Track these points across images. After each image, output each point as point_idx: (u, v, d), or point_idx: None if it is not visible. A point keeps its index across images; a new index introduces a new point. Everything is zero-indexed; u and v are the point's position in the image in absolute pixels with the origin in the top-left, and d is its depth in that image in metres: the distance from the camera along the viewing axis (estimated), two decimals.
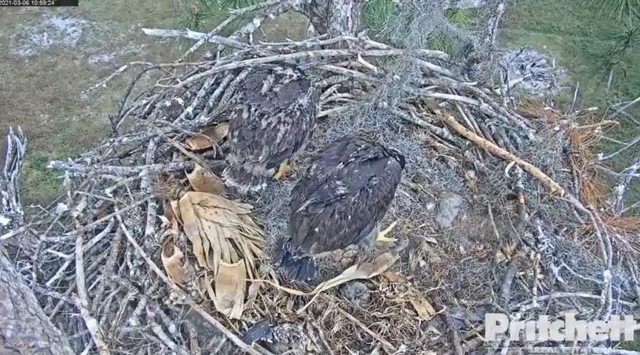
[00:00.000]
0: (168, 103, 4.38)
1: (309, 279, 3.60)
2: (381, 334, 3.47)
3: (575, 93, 5.57)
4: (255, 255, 3.71)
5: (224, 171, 3.76)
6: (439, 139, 4.50)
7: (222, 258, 3.62)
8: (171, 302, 3.48)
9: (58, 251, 3.92)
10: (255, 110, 3.65)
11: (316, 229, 3.33)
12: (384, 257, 3.79)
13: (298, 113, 3.69)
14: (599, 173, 4.50)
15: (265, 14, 4.62)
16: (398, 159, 3.60)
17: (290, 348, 3.39)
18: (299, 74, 3.91)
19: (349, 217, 3.33)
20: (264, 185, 3.79)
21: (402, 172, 3.69)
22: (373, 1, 5.90)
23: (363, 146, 3.48)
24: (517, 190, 4.12)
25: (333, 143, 3.68)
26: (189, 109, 4.36)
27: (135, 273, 3.58)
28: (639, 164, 4.52)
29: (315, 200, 3.32)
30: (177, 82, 4.38)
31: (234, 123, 3.71)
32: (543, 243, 3.88)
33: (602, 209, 4.24)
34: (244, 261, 3.63)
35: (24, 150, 4.40)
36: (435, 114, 4.60)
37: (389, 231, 3.94)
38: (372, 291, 3.67)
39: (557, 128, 4.25)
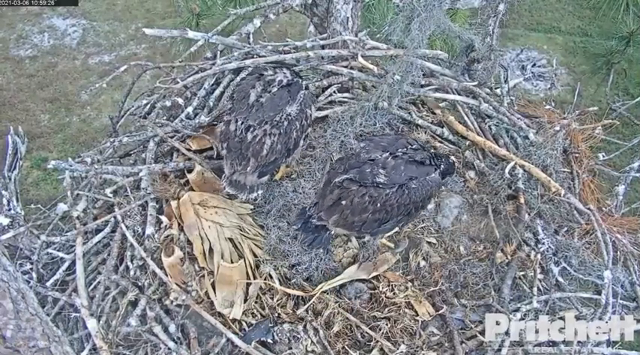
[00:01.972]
0: (168, 103, 4.39)
1: (321, 250, 3.68)
2: (381, 334, 3.48)
3: (576, 93, 5.59)
4: (255, 255, 3.71)
5: (222, 179, 3.77)
6: (439, 139, 4.49)
7: (222, 258, 3.62)
8: (172, 302, 3.49)
9: (58, 251, 3.92)
10: (242, 123, 3.65)
11: (343, 202, 3.42)
12: (384, 257, 3.79)
13: (286, 123, 3.68)
14: (600, 173, 4.50)
15: (265, 14, 4.61)
16: (444, 167, 3.69)
17: (290, 348, 3.39)
18: (289, 78, 3.84)
19: (377, 205, 3.42)
20: (260, 192, 3.82)
21: (439, 188, 3.79)
22: (374, 1, 5.89)
23: (414, 146, 3.60)
24: (517, 190, 4.11)
25: (387, 133, 3.81)
26: (190, 109, 4.36)
27: (135, 273, 3.59)
28: None
29: (354, 177, 3.42)
30: (178, 82, 4.37)
31: (222, 135, 3.73)
32: (543, 243, 3.88)
33: (602, 209, 4.24)
34: (244, 261, 3.63)
35: (24, 150, 4.41)
36: (435, 114, 4.60)
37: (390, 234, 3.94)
38: (372, 291, 3.68)
39: (557, 128, 4.25)
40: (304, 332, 3.44)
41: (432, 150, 3.76)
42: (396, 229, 3.92)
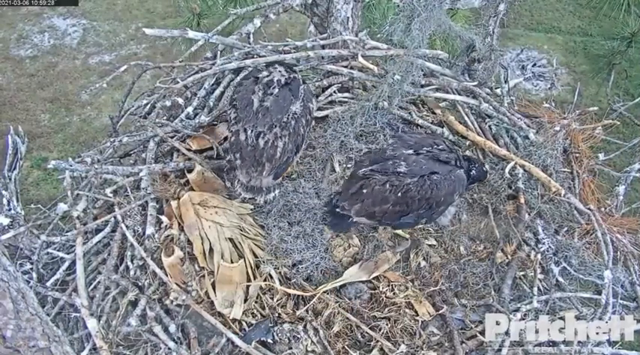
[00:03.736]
0: (168, 103, 4.38)
1: (342, 234, 3.84)
2: (381, 334, 3.47)
3: (576, 93, 5.56)
4: (255, 255, 3.71)
5: (235, 184, 3.76)
6: None
7: (222, 257, 3.62)
8: (172, 302, 3.49)
9: (58, 251, 3.92)
10: (252, 131, 3.63)
11: (364, 190, 3.49)
12: (384, 256, 3.79)
13: (293, 122, 3.68)
14: (600, 173, 4.49)
15: (266, 14, 4.61)
16: (475, 173, 3.75)
17: (290, 348, 3.39)
18: (286, 76, 3.82)
19: (398, 195, 3.46)
20: (277, 192, 3.87)
21: (464, 188, 3.77)
22: (374, 0, 5.90)
23: (440, 146, 3.64)
24: (517, 190, 4.11)
25: (419, 132, 3.99)
26: (190, 109, 4.36)
27: (135, 273, 3.58)
28: None
29: (376, 169, 3.50)
30: (178, 82, 4.37)
31: (234, 146, 3.70)
32: (544, 243, 3.88)
33: (602, 209, 4.23)
34: (244, 260, 3.63)
35: (25, 150, 4.40)
36: (435, 114, 4.60)
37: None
38: (373, 291, 3.68)
39: (557, 128, 4.25)
40: (304, 332, 3.44)
41: (465, 154, 3.75)
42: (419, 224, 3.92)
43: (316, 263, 3.69)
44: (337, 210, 3.63)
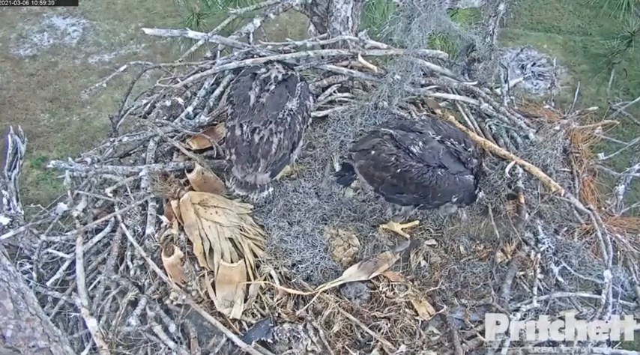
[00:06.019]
0: (168, 103, 4.38)
1: (342, 187, 4.02)
2: (381, 334, 3.48)
3: (576, 92, 5.56)
4: (255, 255, 3.71)
5: (230, 181, 3.77)
6: None
7: (222, 257, 3.62)
8: (172, 301, 3.49)
9: (58, 250, 3.91)
10: (247, 127, 3.65)
11: (373, 152, 3.58)
12: (384, 256, 3.79)
13: (289, 119, 3.70)
14: (600, 173, 4.49)
15: (265, 14, 4.62)
16: (475, 188, 3.73)
17: (290, 348, 3.39)
18: (283, 73, 3.84)
19: (398, 170, 3.52)
20: (271, 189, 3.87)
21: (468, 194, 3.75)
22: (374, 0, 5.89)
23: (469, 149, 3.64)
24: (517, 190, 4.11)
25: (455, 125, 4.09)
26: (190, 109, 4.36)
27: (135, 273, 3.59)
28: None
29: (395, 134, 3.55)
30: (178, 82, 4.38)
31: (229, 141, 3.73)
32: (543, 243, 3.88)
33: (602, 209, 4.24)
34: (244, 260, 3.63)
35: (24, 149, 4.38)
36: (435, 113, 4.60)
37: (408, 226, 3.97)
38: (372, 291, 3.68)
39: (557, 128, 4.25)
40: (304, 332, 3.44)
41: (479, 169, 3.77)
42: (410, 208, 3.91)
43: (316, 263, 3.70)
44: (345, 156, 3.77)
